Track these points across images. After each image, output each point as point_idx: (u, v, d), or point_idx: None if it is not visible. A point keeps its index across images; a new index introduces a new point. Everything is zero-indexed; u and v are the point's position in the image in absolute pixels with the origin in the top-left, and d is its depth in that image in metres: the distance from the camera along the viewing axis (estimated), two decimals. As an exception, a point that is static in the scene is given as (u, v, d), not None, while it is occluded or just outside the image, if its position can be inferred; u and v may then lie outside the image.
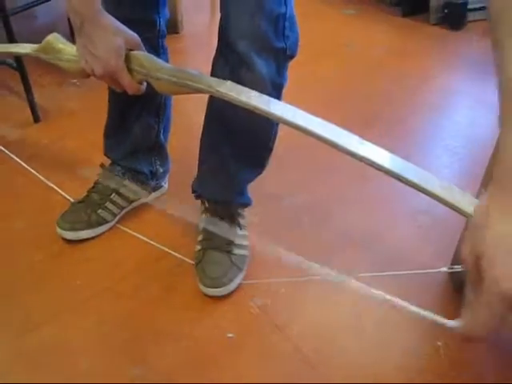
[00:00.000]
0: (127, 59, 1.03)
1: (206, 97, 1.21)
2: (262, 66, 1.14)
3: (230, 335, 1.25)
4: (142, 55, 1.03)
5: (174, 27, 2.50)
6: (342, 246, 1.46)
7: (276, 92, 1.20)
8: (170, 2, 2.44)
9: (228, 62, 1.16)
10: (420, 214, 1.58)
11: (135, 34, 1.04)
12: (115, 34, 1.01)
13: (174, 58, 1.49)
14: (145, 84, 1.07)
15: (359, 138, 0.91)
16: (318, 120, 0.89)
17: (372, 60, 2.47)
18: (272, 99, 0.92)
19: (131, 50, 1.04)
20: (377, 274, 0.97)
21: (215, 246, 1.33)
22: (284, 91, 1.25)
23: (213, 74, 1.20)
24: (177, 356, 1.20)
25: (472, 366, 1.24)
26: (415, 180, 0.85)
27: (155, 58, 1.04)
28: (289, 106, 0.92)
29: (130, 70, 1.03)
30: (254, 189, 1.43)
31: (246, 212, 1.43)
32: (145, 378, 1.15)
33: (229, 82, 0.96)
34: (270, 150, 1.33)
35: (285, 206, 1.60)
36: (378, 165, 0.86)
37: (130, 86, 1.05)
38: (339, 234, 1.51)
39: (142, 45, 1.05)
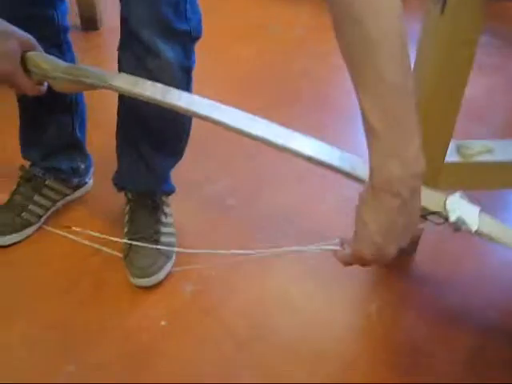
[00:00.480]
0: (23, 61, 1.01)
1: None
2: (167, 51, 1.15)
3: (163, 323, 1.25)
4: (37, 55, 1.01)
5: (93, 23, 2.45)
6: (268, 225, 1.48)
7: (185, 76, 1.21)
8: (89, -1, 2.43)
9: (133, 52, 1.16)
10: (346, 187, 1.60)
11: (29, 35, 1.01)
12: (7, 39, 0.98)
13: (93, 55, 1.47)
14: (46, 84, 1.06)
15: (258, 119, 0.92)
16: (213, 104, 0.90)
17: (293, 40, 2.49)
18: (169, 88, 0.93)
19: (27, 51, 1.02)
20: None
21: (141, 236, 1.33)
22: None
23: (120, 67, 1.20)
24: (111, 349, 1.20)
25: (405, 329, 1.28)
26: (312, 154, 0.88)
27: (51, 57, 1.02)
28: (185, 93, 0.93)
29: (27, 72, 1.02)
30: (174, 177, 1.44)
31: (171, 199, 1.44)
32: (81, 373, 1.15)
33: (123, 74, 0.96)
34: (187, 138, 1.34)
35: (208, 192, 1.60)
36: (271, 142, 0.88)
37: (29, 88, 1.03)
38: (265, 214, 1.53)
39: (37, 45, 1.03)
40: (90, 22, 2.48)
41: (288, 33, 2.55)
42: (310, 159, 0.86)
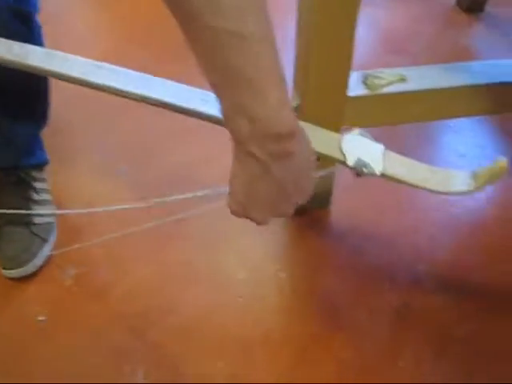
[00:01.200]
0: None
1: None
2: None
3: (41, 318, 1.07)
4: None
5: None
6: (163, 186, 1.30)
7: (24, 23, 1.02)
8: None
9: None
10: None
11: None
12: None
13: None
14: None
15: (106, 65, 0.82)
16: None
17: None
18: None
19: None
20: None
21: (9, 220, 1.13)
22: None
23: None
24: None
25: (323, 294, 1.14)
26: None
27: None
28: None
29: None
30: (54, 146, 1.25)
31: (47, 173, 1.24)
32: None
33: None
34: (45, 98, 1.15)
35: (97, 159, 1.39)
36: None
37: None
38: (159, 175, 1.34)
39: None
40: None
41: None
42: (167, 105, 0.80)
